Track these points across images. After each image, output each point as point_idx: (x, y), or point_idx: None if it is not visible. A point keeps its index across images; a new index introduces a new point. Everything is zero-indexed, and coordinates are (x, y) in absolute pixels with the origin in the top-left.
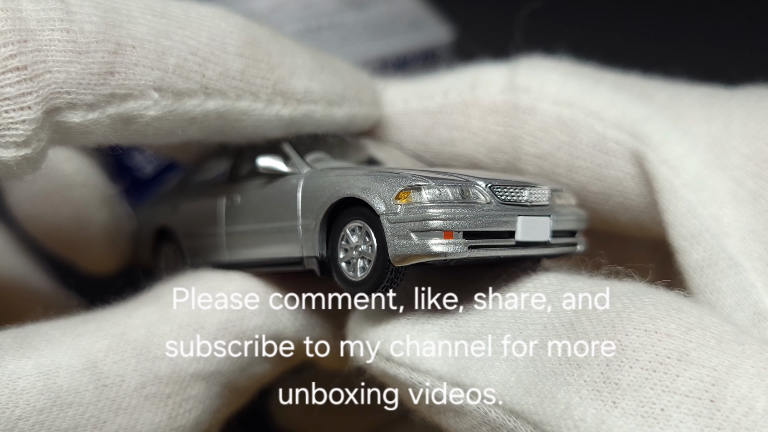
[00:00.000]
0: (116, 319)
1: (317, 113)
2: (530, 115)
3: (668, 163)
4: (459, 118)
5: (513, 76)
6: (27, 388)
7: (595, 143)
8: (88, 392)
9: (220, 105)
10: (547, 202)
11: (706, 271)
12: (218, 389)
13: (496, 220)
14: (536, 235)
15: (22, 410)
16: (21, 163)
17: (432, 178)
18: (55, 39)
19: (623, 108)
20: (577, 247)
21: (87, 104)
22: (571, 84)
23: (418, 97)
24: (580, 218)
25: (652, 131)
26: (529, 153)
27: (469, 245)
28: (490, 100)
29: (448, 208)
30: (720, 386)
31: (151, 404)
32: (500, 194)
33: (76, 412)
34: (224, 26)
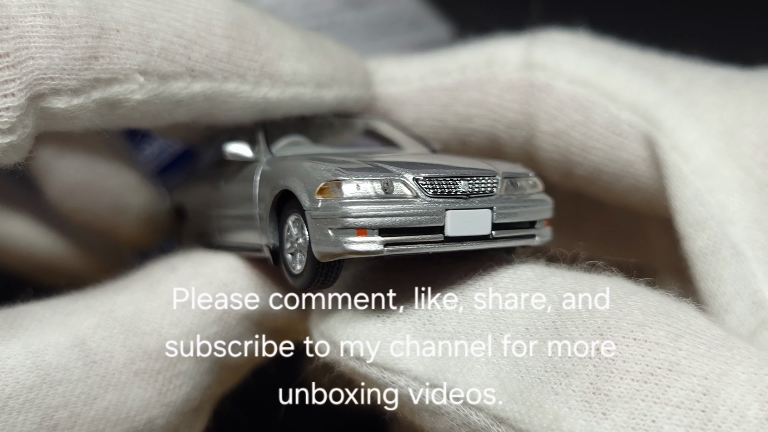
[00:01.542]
0: (105, 297)
1: (306, 95)
2: (546, 93)
3: (679, 149)
4: (476, 95)
5: (529, 52)
6: (16, 367)
7: (609, 124)
8: (77, 369)
9: (207, 87)
10: (492, 192)
11: (709, 258)
12: (208, 365)
13: (418, 216)
14: (471, 229)
15: (12, 388)
16: (6, 150)
17: (356, 171)
18: (37, 25)
19: (638, 90)
20: (536, 239)
21: (71, 90)
22: (588, 62)
23: (435, 74)
24: (540, 207)
25: (665, 116)
26: (544, 131)
27: (386, 242)
28: (506, 78)
29: (365, 204)
30: (711, 395)
31: (140, 380)
32: (429, 187)
33: (65, 389)
34: (210, 7)
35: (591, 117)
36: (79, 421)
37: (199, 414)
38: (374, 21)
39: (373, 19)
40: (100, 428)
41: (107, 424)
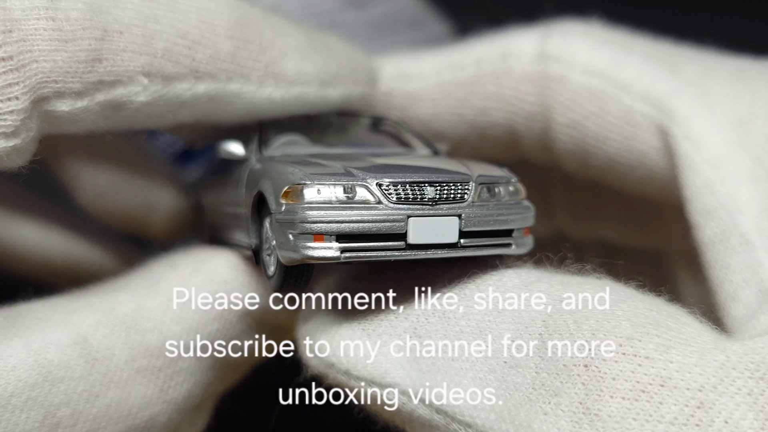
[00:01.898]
0: (106, 295)
1: (310, 94)
2: (560, 85)
3: (690, 138)
4: (492, 88)
5: (544, 44)
6: (18, 365)
7: (623, 115)
8: (79, 366)
9: (211, 88)
10: (462, 199)
11: (717, 246)
12: (209, 362)
13: (377, 223)
14: (436, 237)
15: (14, 387)
16: (11, 153)
17: (321, 176)
18: (40, 28)
19: (651, 81)
20: (512, 247)
21: (75, 92)
22: (601, 53)
23: (451, 69)
24: (519, 215)
25: (678, 106)
26: (559, 122)
27: (343, 249)
28: (521, 70)
29: (323, 209)
30: (706, 408)
31: (142, 377)
32: (392, 193)
33: (67, 387)
34: (214, 7)
35: (605, 108)
36: (81, 418)
37: (201, 411)
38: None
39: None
40: (102, 426)
41: (109, 421)
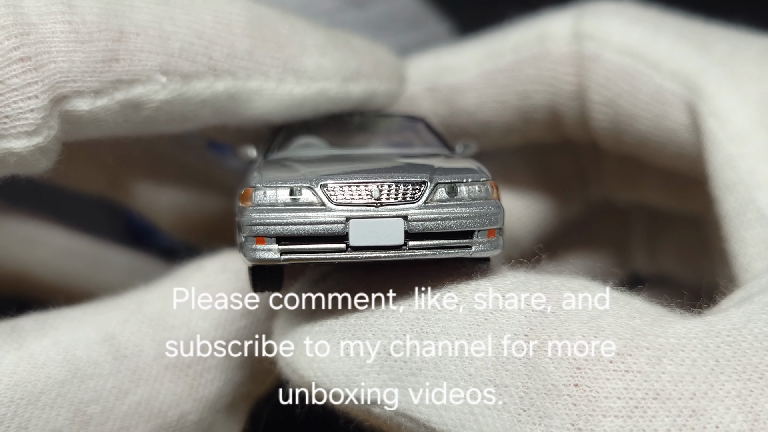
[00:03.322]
0: (134, 296)
1: (332, 90)
2: (595, 63)
3: (716, 115)
4: (531, 72)
5: (578, 24)
6: (47, 362)
7: (654, 93)
8: (108, 363)
9: (231, 86)
10: (411, 200)
11: (734, 220)
12: (240, 360)
13: (315, 225)
14: (379, 239)
15: (44, 384)
16: (34, 152)
17: (275, 179)
18: (57, 30)
19: (681, 60)
20: (471, 250)
21: (94, 91)
22: (634, 32)
23: (490, 58)
24: (481, 217)
25: (706, 84)
26: (595, 100)
27: (282, 251)
28: (558, 51)
29: (263, 212)
30: (698, 415)
31: (171, 374)
32: (334, 195)
33: (96, 384)
34: (229, 8)
35: (637, 86)
36: (111, 416)
37: (235, 413)
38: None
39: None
40: (133, 423)
41: (140, 419)
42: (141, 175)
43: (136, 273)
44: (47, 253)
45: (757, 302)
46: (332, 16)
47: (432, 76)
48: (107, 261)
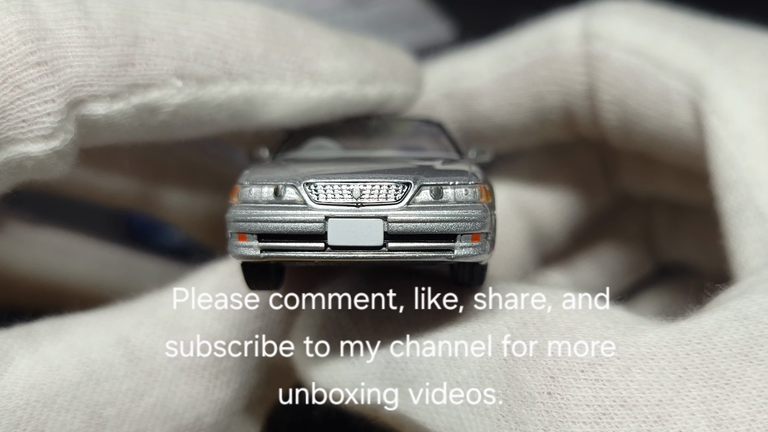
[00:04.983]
0: (148, 300)
1: (348, 93)
2: (603, 62)
3: (718, 114)
4: (544, 73)
5: (587, 24)
6: (62, 365)
7: (660, 92)
8: (123, 365)
9: (246, 90)
10: (393, 201)
11: (733, 218)
12: (256, 362)
13: (295, 223)
14: (357, 239)
15: (59, 386)
16: (51, 156)
17: (262, 177)
18: (73, 36)
19: (686, 59)
20: (454, 253)
21: (110, 95)
22: (641, 31)
23: (503, 62)
24: (465, 220)
25: (709, 83)
26: (604, 99)
27: (263, 248)
28: (569, 52)
29: (246, 209)
30: (662, 421)
31: (186, 376)
32: (315, 193)
33: (112, 386)
34: (244, 13)
35: (644, 85)
36: (127, 418)
37: (251, 415)
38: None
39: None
40: (149, 426)
41: (156, 421)
42: (173, 187)
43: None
44: (82, 265)
45: (731, 308)
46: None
47: (448, 83)
48: (141, 270)
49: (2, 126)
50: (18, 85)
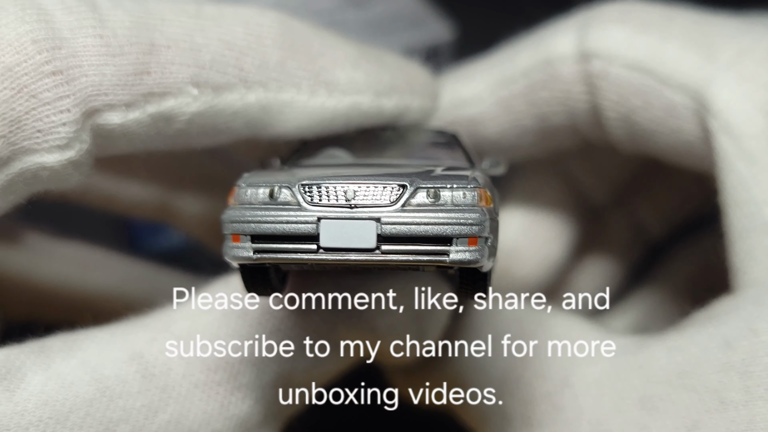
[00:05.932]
0: (161, 315)
1: (364, 104)
2: (604, 81)
3: (725, 130)
4: (546, 95)
5: (582, 42)
6: (75, 382)
7: (667, 108)
8: (136, 382)
9: (262, 98)
10: (387, 203)
11: (743, 236)
12: (272, 378)
13: (287, 224)
14: (350, 241)
15: (72, 403)
16: (66, 167)
17: (260, 179)
18: (88, 45)
19: (688, 71)
20: (449, 257)
21: (125, 104)
22: (639, 43)
23: (503, 85)
24: (461, 223)
25: (714, 96)
26: (610, 117)
27: (256, 249)
28: (567, 73)
29: (239, 210)
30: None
31: (201, 392)
32: (309, 195)
33: (125, 403)
34: (260, 21)
35: (649, 101)
36: None
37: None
38: (375, 20)
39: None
40: None
41: None
42: (193, 197)
43: None
44: (104, 278)
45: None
46: (332, 16)
47: (450, 110)
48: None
49: (17, 136)
50: (33, 95)
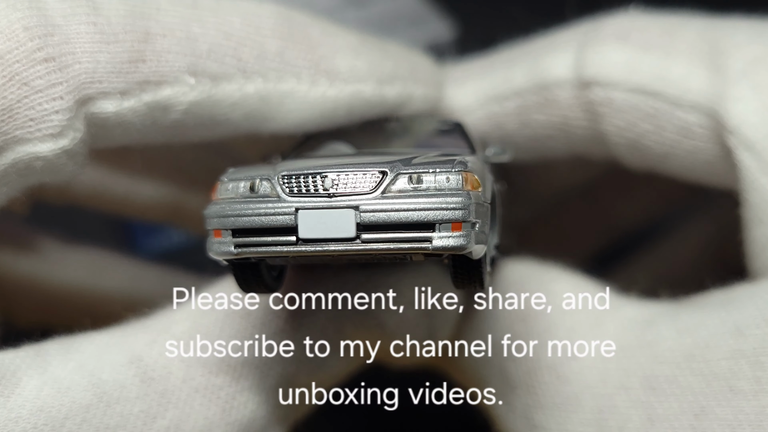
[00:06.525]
0: (162, 316)
1: (366, 92)
2: (608, 107)
3: (746, 144)
4: (541, 118)
5: (579, 68)
6: (72, 386)
7: (680, 130)
8: (135, 386)
9: (261, 88)
10: (364, 191)
11: (765, 251)
12: (274, 381)
13: (265, 216)
14: (328, 231)
15: (69, 408)
16: (60, 156)
17: (238, 172)
18: (81, 31)
19: (699, 88)
20: (432, 243)
21: (120, 92)
22: (641, 65)
23: (495, 101)
24: (442, 208)
25: (729, 111)
26: (618, 143)
27: (237, 243)
28: (564, 99)
29: (224, 204)
30: None
31: (201, 397)
32: (287, 186)
33: (123, 408)
34: (258, 11)
35: (660, 125)
36: None
37: None
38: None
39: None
40: None
41: None
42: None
43: None
44: (116, 283)
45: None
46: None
47: None
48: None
49: (9, 125)
50: (25, 83)
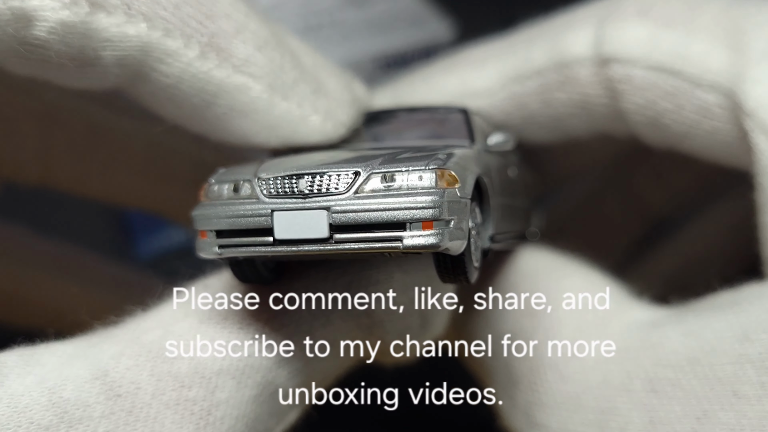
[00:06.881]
0: (131, 325)
1: (253, 92)
2: (627, 85)
3: (762, 128)
4: (562, 96)
5: (599, 45)
6: (30, 405)
7: (699, 110)
8: (99, 404)
9: (144, 34)
10: (335, 191)
11: None
12: (254, 392)
13: (243, 218)
14: (302, 232)
15: (26, 429)
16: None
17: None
18: None
19: (719, 68)
20: (404, 242)
21: None
22: (663, 42)
23: (516, 81)
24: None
25: (748, 93)
26: (637, 121)
27: (220, 245)
28: (584, 77)
29: (208, 206)
30: None
31: (173, 413)
32: (264, 188)
33: (86, 429)
34: None
35: (680, 104)
36: None
37: None
38: (375, 19)
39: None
40: None
41: None
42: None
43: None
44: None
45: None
46: (332, 15)
47: (460, 99)
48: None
49: None
50: None
